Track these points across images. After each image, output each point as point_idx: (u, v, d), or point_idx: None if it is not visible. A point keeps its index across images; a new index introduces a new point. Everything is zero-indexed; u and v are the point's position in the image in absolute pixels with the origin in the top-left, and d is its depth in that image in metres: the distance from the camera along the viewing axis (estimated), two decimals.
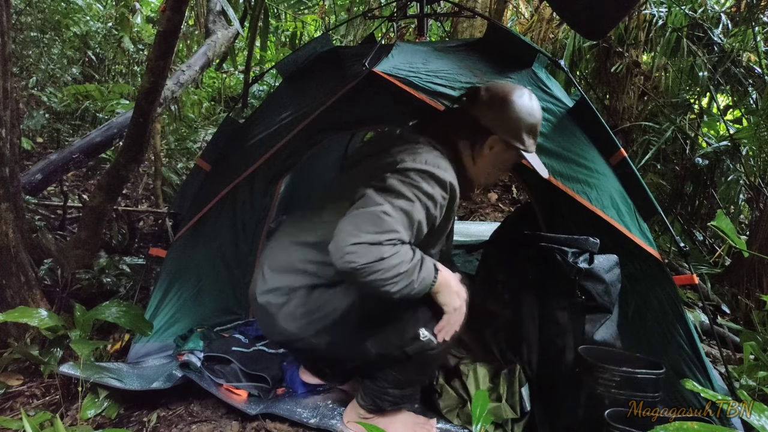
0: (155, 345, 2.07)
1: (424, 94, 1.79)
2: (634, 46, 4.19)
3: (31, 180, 3.08)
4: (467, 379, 1.80)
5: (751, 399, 1.40)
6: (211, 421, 1.69)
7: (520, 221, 2.25)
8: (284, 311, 1.52)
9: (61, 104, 4.68)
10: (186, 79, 4.07)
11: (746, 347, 2.04)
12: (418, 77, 1.80)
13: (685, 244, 1.94)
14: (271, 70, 3.21)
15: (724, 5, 4.05)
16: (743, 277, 3.06)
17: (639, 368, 1.49)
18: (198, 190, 2.22)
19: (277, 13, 5.83)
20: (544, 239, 1.79)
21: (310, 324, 1.52)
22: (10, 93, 2.08)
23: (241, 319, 2.29)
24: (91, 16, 5.44)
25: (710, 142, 4.13)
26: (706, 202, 4.04)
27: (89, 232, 2.47)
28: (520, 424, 1.69)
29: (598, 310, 1.66)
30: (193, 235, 2.20)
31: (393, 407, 1.64)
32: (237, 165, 2.16)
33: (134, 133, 2.39)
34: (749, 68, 3.85)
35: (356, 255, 1.28)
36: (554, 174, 1.89)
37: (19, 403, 1.79)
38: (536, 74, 2.00)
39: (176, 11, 2.20)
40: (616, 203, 1.87)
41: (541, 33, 4.61)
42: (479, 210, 5.34)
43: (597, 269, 1.66)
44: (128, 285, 2.56)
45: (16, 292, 2.06)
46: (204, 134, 4.80)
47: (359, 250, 1.28)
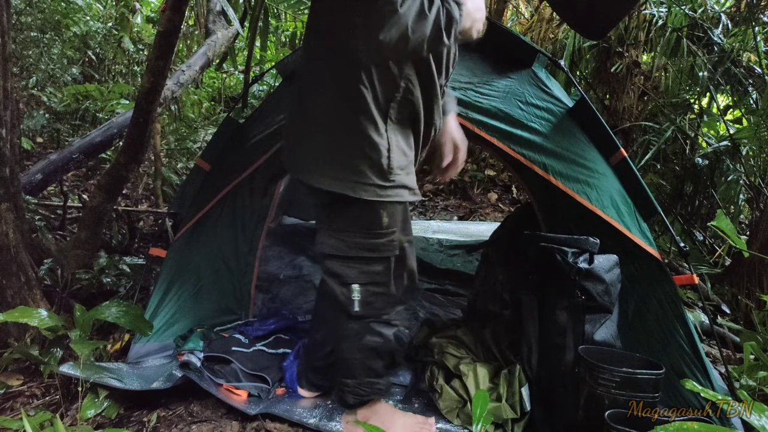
0: (155, 345, 2.07)
1: None
2: (634, 46, 4.19)
3: (31, 180, 3.08)
4: (467, 379, 1.80)
5: (751, 399, 1.40)
6: (211, 421, 1.69)
7: (520, 221, 2.25)
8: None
9: (61, 104, 4.68)
10: (186, 79, 4.07)
11: (746, 347, 2.04)
12: None
13: (685, 244, 1.94)
14: (271, 70, 3.20)
15: (724, 5, 4.05)
16: (743, 277, 3.06)
17: (639, 368, 1.49)
18: (198, 190, 2.22)
19: (277, 13, 5.84)
20: (544, 239, 1.79)
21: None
22: (10, 93, 2.09)
23: (241, 319, 2.29)
24: (91, 16, 5.44)
25: (710, 142, 4.12)
26: (706, 202, 4.03)
27: (89, 232, 2.47)
28: (520, 424, 1.69)
29: (598, 310, 1.66)
30: (193, 235, 2.20)
31: (356, 399, 1.64)
32: (237, 165, 2.16)
33: (134, 133, 2.39)
34: (749, 68, 3.85)
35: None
36: (554, 174, 1.89)
37: (19, 403, 1.79)
38: (536, 74, 2.00)
39: (176, 11, 2.20)
40: (616, 203, 1.87)
41: (541, 33, 4.61)
42: (479, 210, 5.34)
43: (597, 269, 1.65)
44: (128, 285, 2.56)
45: (16, 292, 2.06)
46: (204, 134, 4.81)
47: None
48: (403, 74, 1.46)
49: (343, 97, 1.47)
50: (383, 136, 1.47)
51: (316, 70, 1.54)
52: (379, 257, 1.55)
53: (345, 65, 1.45)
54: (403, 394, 1.91)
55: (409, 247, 1.66)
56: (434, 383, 1.85)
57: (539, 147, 1.91)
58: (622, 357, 1.59)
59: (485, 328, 2.06)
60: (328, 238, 1.57)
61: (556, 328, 1.69)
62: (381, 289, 1.58)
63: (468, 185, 5.78)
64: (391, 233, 1.55)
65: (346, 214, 1.53)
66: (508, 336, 1.97)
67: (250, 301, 2.32)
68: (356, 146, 1.47)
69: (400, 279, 1.65)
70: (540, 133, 1.91)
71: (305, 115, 1.58)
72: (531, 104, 1.95)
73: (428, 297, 2.91)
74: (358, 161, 1.47)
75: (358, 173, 1.47)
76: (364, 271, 1.55)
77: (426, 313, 2.68)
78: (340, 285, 1.56)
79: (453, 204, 5.58)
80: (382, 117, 1.47)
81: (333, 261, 1.56)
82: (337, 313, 1.61)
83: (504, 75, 1.98)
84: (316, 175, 1.52)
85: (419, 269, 1.71)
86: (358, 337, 1.60)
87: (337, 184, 1.48)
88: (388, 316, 1.63)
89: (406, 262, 1.66)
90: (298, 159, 1.59)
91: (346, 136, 1.48)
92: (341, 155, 1.49)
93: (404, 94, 1.47)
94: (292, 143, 1.65)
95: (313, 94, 1.54)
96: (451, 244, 3.53)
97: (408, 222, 1.66)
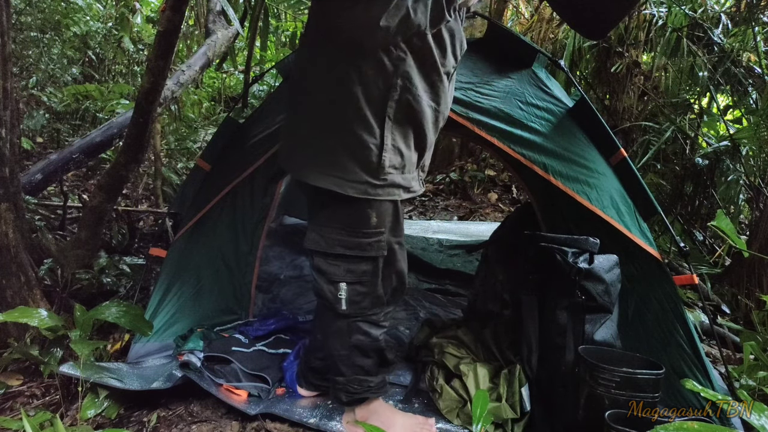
0: (155, 345, 2.07)
1: None
2: (634, 46, 4.19)
3: (31, 180, 3.08)
4: (467, 379, 1.80)
5: (751, 399, 1.40)
6: (211, 421, 1.69)
7: (520, 221, 2.25)
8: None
9: (61, 104, 4.68)
10: (186, 79, 4.07)
11: (746, 347, 2.05)
12: None
13: (685, 244, 1.94)
14: (271, 70, 3.20)
15: (724, 5, 4.05)
16: (743, 277, 3.06)
17: (639, 368, 1.49)
18: (198, 190, 2.22)
19: (277, 13, 5.83)
20: (544, 239, 1.79)
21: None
22: (10, 93, 2.09)
23: (241, 319, 2.29)
24: (91, 16, 5.43)
25: (710, 142, 4.12)
26: (706, 202, 4.03)
27: (89, 232, 2.47)
28: (520, 424, 1.69)
29: (598, 310, 1.66)
30: (193, 235, 2.20)
31: (348, 396, 1.65)
32: (237, 165, 2.16)
33: (134, 133, 2.39)
34: (749, 68, 3.85)
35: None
36: (554, 174, 1.89)
37: (19, 403, 1.79)
38: (536, 74, 2.00)
39: (176, 11, 2.19)
40: (616, 203, 1.87)
41: (541, 33, 4.61)
42: (479, 210, 5.34)
43: (597, 269, 1.66)
44: (128, 285, 2.56)
45: (16, 292, 2.06)
46: (204, 134, 4.81)
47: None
48: (400, 71, 1.44)
49: (334, 95, 1.47)
50: (375, 135, 1.47)
51: (310, 68, 1.54)
52: (366, 257, 1.54)
53: (338, 63, 1.45)
54: (403, 394, 1.91)
55: (399, 248, 1.66)
56: (434, 383, 1.85)
57: (539, 147, 1.91)
58: (622, 357, 1.59)
59: (485, 328, 2.06)
60: (310, 232, 1.58)
61: (556, 328, 1.69)
62: (368, 288, 1.58)
63: (468, 185, 5.78)
64: (380, 233, 1.54)
65: (330, 209, 1.53)
66: (508, 336, 1.97)
67: (251, 301, 2.32)
68: (345, 144, 1.47)
69: (389, 280, 1.66)
70: (540, 133, 1.91)
71: (297, 112, 1.60)
72: (531, 104, 1.95)
73: (428, 297, 2.91)
74: (346, 159, 1.47)
75: (345, 170, 1.47)
76: (350, 270, 1.55)
77: (426, 313, 2.68)
78: (327, 282, 1.57)
79: (453, 204, 5.58)
80: (378, 116, 1.46)
81: (319, 258, 1.57)
82: (325, 311, 1.63)
83: (504, 75, 1.98)
84: (305, 170, 1.52)
85: (419, 269, 1.72)
86: (345, 335, 1.60)
87: (324, 179, 1.48)
88: (376, 316, 1.63)
89: (395, 263, 1.66)
90: (290, 154, 1.61)
91: (335, 133, 1.48)
92: (330, 152, 1.49)
93: (401, 92, 1.46)
94: (286, 139, 1.66)
95: (306, 92, 1.55)
96: (451, 244, 3.53)
97: (400, 223, 1.65)
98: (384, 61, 1.42)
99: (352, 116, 1.45)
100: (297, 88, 1.60)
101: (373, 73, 1.43)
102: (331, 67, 1.47)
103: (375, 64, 1.42)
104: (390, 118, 1.48)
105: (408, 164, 1.55)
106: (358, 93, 1.44)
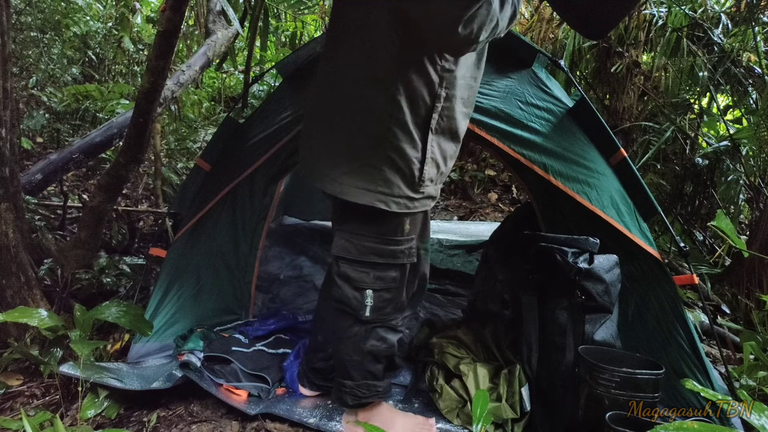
0: (155, 345, 2.07)
1: None
2: (634, 46, 4.19)
3: (31, 180, 3.08)
4: (467, 379, 1.80)
5: (751, 399, 1.40)
6: (211, 421, 1.69)
7: (520, 221, 2.25)
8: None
9: (61, 104, 4.67)
10: (186, 79, 4.07)
11: (746, 347, 2.05)
12: None
13: (685, 244, 1.94)
14: (271, 70, 3.20)
15: (724, 5, 4.04)
16: (743, 277, 3.06)
17: (639, 368, 1.49)
18: (198, 190, 2.22)
19: (277, 13, 5.83)
20: (544, 239, 1.80)
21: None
22: (10, 93, 2.09)
23: (241, 319, 2.29)
24: (91, 16, 5.43)
25: (710, 142, 4.12)
26: (706, 202, 4.03)
27: (89, 232, 2.47)
28: (520, 424, 1.69)
29: (598, 310, 1.66)
30: (193, 235, 2.20)
31: (354, 400, 1.63)
32: (237, 165, 2.17)
33: (134, 133, 2.38)
34: (749, 68, 3.84)
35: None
36: (554, 174, 1.89)
37: (19, 403, 1.79)
38: (536, 74, 2.00)
39: (176, 11, 2.19)
40: (616, 203, 1.87)
41: (541, 33, 4.61)
42: (479, 210, 5.34)
43: (597, 269, 1.66)
44: (128, 285, 2.56)
45: (16, 292, 2.06)
46: (204, 134, 4.80)
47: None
48: (444, 83, 1.40)
49: (374, 104, 1.40)
50: (417, 148, 1.43)
51: (343, 75, 1.47)
52: (396, 264, 1.53)
53: (383, 70, 1.38)
54: (403, 394, 1.91)
55: (424, 253, 1.66)
56: (434, 383, 1.85)
57: (539, 147, 1.91)
58: (622, 357, 1.59)
59: (485, 328, 2.06)
60: (338, 239, 1.54)
61: (556, 328, 1.69)
62: (393, 294, 1.56)
63: (468, 185, 5.78)
64: (411, 240, 1.53)
65: (363, 219, 1.49)
66: (508, 336, 1.97)
67: (251, 301, 2.32)
68: (386, 158, 1.41)
69: (411, 285, 1.64)
70: (540, 133, 1.91)
71: (323, 119, 1.53)
72: (531, 104, 1.95)
73: (428, 297, 2.91)
74: (388, 173, 1.42)
75: (389, 185, 1.43)
76: (379, 277, 1.52)
77: (426, 313, 2.68)
78: (353, 289, 1.53)
79: (453, 204, 5.58)
80: (421, 128, 1.42)
81: (346, 264, 1.53)
82: (342, 316, 1.59)
83: (504, 75, 1.98)
84: (343, 187, 1.45)
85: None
86: (361, 340, 1.58)
87: (365, 196, 1.43)
88: (395, 321, 1.62)
89: (419, 267, 1.65)
90: (318, 166, 1.53)
91: (377, 146, 1.42)
92: (370, 166, 1.43)
93: (444, 103, 1.42)
94: (311, 150, 1.58)
95: (337, 101, 1.48)
96: (451, 244, 3.53)
97: (427, 229, 1.64)
98: (430, 71, 1.37)
99: (394, 128, 1.39)
100: (324, 95, 1.53)
101: (421, 82, 1.38)
102: (374, 74, 1.39)
103: (422, 74, 1.37)
104: (432, 130, 1.44)
105: (441, 176, 1.54)
106: (401, 103, 1.38)
